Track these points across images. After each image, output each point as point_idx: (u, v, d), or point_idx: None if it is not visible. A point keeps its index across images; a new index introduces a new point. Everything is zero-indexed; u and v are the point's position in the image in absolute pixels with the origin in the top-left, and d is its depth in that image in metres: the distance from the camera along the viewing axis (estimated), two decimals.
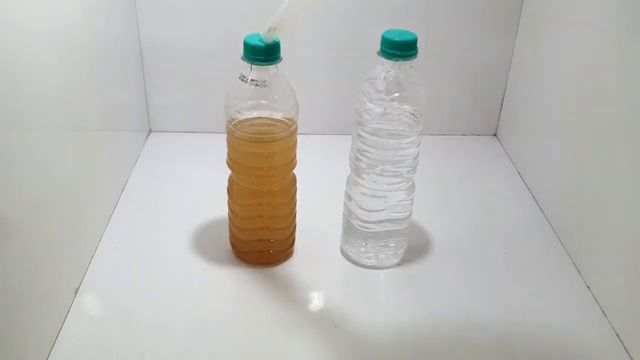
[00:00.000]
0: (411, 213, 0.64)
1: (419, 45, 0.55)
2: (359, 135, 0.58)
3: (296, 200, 0.64)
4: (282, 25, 0.52)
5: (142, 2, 0.80)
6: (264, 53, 0.54)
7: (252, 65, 0.54)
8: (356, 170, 0.61)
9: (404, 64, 0.55)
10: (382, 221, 0.62)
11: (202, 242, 0.67)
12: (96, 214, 0.67)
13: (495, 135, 0.93)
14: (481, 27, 0.84)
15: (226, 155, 0.60)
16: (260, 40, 0.54)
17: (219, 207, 0.67)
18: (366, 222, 0.62)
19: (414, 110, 0.57)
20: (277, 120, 0.58)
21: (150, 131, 0.90)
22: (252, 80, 0.55)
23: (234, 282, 0.63)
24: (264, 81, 0.55)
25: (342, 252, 0.67)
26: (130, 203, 0.73)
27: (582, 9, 0.67)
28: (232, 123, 0.57)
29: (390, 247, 0.64)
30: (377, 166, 0.59)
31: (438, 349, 0.56)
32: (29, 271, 0.49)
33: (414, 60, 0.55)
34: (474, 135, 0.93)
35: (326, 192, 0.69)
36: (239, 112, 0.57)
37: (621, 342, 0.57)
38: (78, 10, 0.61)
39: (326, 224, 0.69)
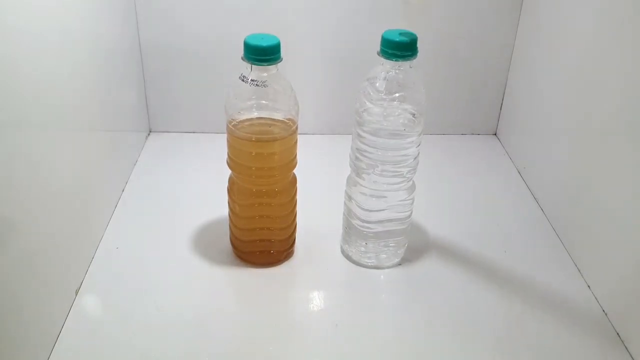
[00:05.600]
0: (411, 213, 0.64)
1: (418, 45, 0.55)
2: (359, 135, 0.58)
3: (296, 200, 0.64)
4: None
5: (141, 2, 0.80)
6: (264, 53, 0.54)
7: (252, 65, 0.54)
8: (356, 170, 0.61)
9: (404, 64, 0.55)
10: (382, 221, 0.62)
11: (202, 242, 0.67)
12: (96, 214, 0.67)
13: (495, 134, 0.93)
14: (481, 27, 0.84)
15: (226, 155, 0.60)
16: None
17: (219, 207, 0.67)
18: (366, 222, 0.62)
19: (414, 110, 0.57)
20: (277, 121, 0.58)
21: (150, 131, 0.90)
22: (252, 80, 0.55)
23: (234, 282, 0.63)
24: (264, 81, 0.55)
25: (343, 252, 0.67)
26: (131, 203, 0.73)
27: (581, 9, 0.67)
28: (232, 123, 0.57)
29: (390, 247, 0.64)
30: (377, 166, 0.59)
31: (438, 348, 0.56)
32: (29, 272, 0.49)
33: (414, 60, 0.55)
34: (474, 134, 0.93)
35: (326, 192, 0.69)
36: (239, 112, 0.57)
37: (622, 341, 0.57)
38: (78, 11, 0.61)
39: (326, 224, 0.69)
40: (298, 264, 0.65)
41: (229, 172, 0.62)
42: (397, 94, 0.56)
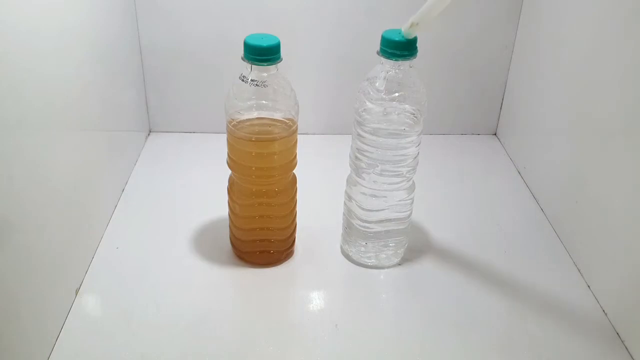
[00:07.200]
0: (411, 213, 0.64)
1: (418, 44, 0.55)
2: (359, 135, 0.58)
3: (296, 200, 0.64)
4: (424, 21, 0.52)
5: (141, 2, 0.80)
6: (264, 53, 0.54)
7: (252, 65, 0.54)
8: (356, 170, 0.61)
9: (404, 64, 0.55)
10: (382, 221, 0.62)
11: (202, 242, 0.67)
12: (96, 214, 0.67)
13: (495, 134, 0.93)
14: (481, 27, 0.84)
15: (226, 155, 0.60)
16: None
17: (219, 207, 0.67)
18: (366, 221, 0.62)
19: (414, 110, 0.57)
20: (277, 121, 0.58)
21: (150, 131, 0.90)
22: (252, 80, 0.55)
23: (234, 282, 0.63)
24: (264, 81, 0.55)
25: (343, 251, 0.67)
26: (131, 203, 0.73)
27: (581, 9, 0.67)
28: (232, 123, 0.57)
29: (390, 246, 0.64)
30: (377, 166, 0.59)
31: (438, 348, 0.56)
32: (29, 271, 0.49)
33: (414, 60, 0.55)
34: (474, 134, 0.93)
35: (326, 192, 0.69)
36: (239, 112, 0.57)
37: (622, 341, 0.57)
38: (78, 11, 0.61)
39: (326, 224, 0.69)
40: (298, 264, 0.65)
41: (229, 172, 0.62)
42: (396, 94, 0.56)
